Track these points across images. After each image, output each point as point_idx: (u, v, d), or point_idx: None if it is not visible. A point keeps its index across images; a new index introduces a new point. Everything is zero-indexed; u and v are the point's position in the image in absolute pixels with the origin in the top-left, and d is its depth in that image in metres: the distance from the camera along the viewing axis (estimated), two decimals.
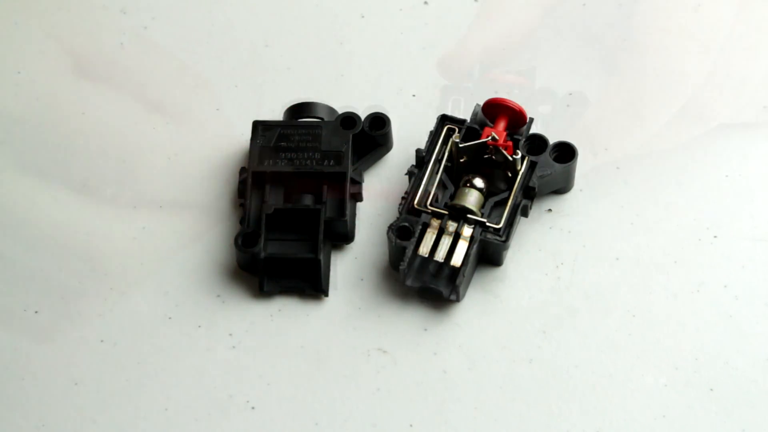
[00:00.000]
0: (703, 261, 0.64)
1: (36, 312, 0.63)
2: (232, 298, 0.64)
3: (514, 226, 0.63)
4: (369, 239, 0.65)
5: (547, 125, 0.66)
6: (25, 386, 0.62)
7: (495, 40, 0.62)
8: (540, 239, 0.65)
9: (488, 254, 0.63)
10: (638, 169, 0.66)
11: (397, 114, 0.67)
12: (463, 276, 0.62)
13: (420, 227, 0.62)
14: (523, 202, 0.63)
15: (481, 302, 0.63)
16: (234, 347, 0.63)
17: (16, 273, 0.64)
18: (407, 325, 0.63)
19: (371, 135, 0.65)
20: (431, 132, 0.64)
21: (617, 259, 0.64)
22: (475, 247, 0.62)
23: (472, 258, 0.62)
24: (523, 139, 0.64)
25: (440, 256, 0.62)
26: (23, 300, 0.64)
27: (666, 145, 0.64)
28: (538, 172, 0.63)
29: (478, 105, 0.64)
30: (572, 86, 0.68)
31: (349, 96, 0.68)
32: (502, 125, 0.63)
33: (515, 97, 0.64)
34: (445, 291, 0.62)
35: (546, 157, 0.63)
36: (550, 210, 0.65)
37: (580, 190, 0.66)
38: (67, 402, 0.61)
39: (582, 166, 0.64)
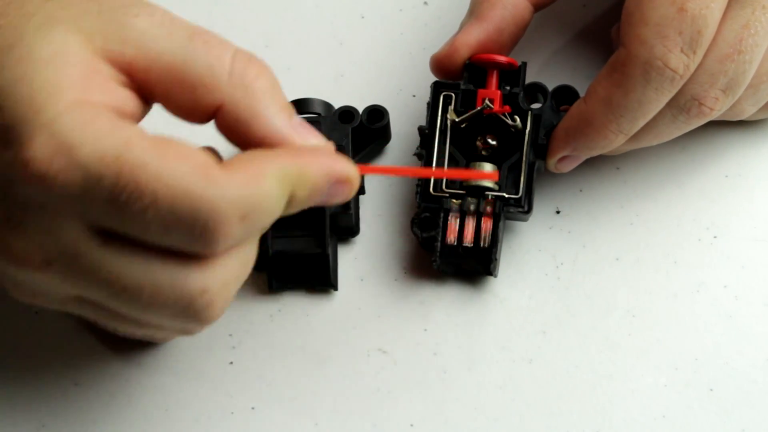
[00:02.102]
0: (703, 261, 0.64)
1: (36, 313, 0.63)
2: None
3: (533, 191, 0.62)
4: (369, 239, 0.65)
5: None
6: (25, 386, 0.62)
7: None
8: (540, 239, 0.65)
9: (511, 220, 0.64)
10: (638, 169, 0.66)
11: (398, 114, 0.67)
12: (498, 252, 0.62)
13: (442, 214, 0.62)
14: (537, 162, 0.62)
15: (481, 302, 0.63)
16: (234, 347, 0.63)
17: None
18: (407, 325, 0.63)
19: (370, 128, 0.65)
20: (428, 103, 0.64)
21: (617, 259, 0.64)
22: (501, 223, 0.61)
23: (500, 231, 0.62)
24: (521, 92, 0.63)
25: (468, 240, 0.62)
26: None
27: (666, 145, 0.64)
28: (543, 126, 0.62)
29: (467, 61, 0.63)
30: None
31: (349, 96, 0.67)
32: (494, 83, 0.62)
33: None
34: (480, 268, 0.62)
35: (548, 107, 0.63)
36: (558, 212, 0.65)
37: (580, 190, 0.66)
38: (67, 402, 0.61)
39: (582, 165, 0.64)
